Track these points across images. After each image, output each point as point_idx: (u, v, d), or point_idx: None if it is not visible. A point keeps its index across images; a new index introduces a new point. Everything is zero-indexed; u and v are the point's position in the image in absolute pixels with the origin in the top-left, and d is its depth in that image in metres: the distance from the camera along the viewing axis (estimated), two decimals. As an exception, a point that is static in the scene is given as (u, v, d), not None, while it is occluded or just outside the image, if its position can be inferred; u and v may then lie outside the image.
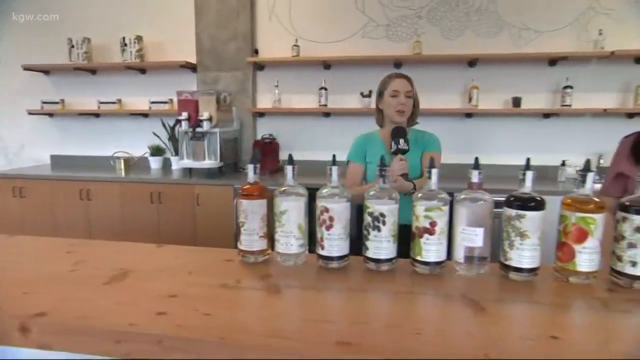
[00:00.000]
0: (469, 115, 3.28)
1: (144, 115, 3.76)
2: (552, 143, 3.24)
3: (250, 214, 1.02)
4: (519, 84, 3.20)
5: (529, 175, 0.93)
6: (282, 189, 1.02)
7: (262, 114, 3.63)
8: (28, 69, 3.73)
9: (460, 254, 0.97)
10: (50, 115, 3.95)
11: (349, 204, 1.00)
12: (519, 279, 0.93)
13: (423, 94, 2.00)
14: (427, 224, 0.95)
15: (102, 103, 3.72)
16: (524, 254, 0.91)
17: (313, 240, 1.03)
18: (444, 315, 0.81)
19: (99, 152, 3.88)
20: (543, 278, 0.94)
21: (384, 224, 0.96)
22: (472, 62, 3.19)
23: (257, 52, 3.52)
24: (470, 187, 0.97)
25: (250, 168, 1.05)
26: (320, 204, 0.99)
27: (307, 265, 1.04)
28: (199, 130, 3.11)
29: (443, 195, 0.96)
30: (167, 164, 3.68)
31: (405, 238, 1.01)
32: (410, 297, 0.87)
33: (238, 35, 3.45)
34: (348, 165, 1.92)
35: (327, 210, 0.97)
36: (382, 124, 1.94)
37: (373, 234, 0.97)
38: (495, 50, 3.12)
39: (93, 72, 3.80)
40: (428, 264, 0.96)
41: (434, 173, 0.97)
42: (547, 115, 3.20)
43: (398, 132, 1.72)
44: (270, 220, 1.05)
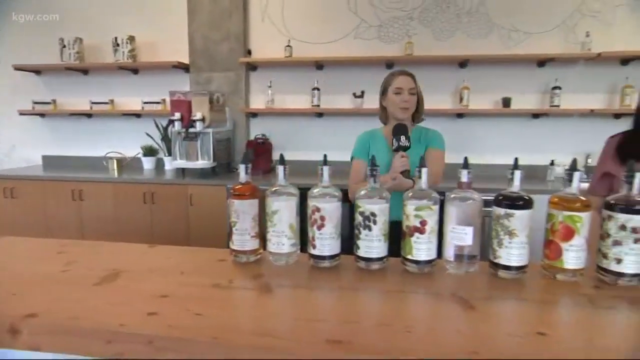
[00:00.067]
0: (460, 116, 3.31)
1: (137, 116, 3.74)
2: (541, 143, 3.28)
3: (242, 214, 1.02)
4: (509, 85, 3.23)
5: (517, 175, 0.94)
6: (273, 189, 1.02)
7: (255, 114, 3.63)
8: (19, 69, 3.70)
9: (450, 253, 0.98)
10: (42, 116, 3.91)
11: (340, 204, 1.00)
12: (508, 277, 0.94)
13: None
14: (417, 223, 0.95)
15: (94, 103, 3.70)
16: (513, 252, 0.92)
17: (305, 240, 1.03)
18: (434, 314, 0.82)
19: (92, 152, 3.86)
20: (531, 275, 0.95)
21: (375, 223, 0.97)
22: (462, 63, 3.22)
23: (249, 52, 3.51)
24: (460, 186, 0.98)
25: (242, 168, 1.05)
26: (312, 204, 0.99)
27: (298, 265, 1.04)
28: (192, 131, 3.11)
29: (433, 195, 0.97)
30: (160, 165, 3.67)
31: (397, 235, 1.02)
32: (401, 295, 0.88)
33: (231, 36, 3.45)
34: (352, 162, 1.92)
35: (318, 210, 0.98)
36: (386, 122, 1.94)
37: (364, 233, 0.98)
38: (486, 52, 3.15)
39: (85, 72, 3.78)
40: (418, 263, 0.97)
41: (424, 172, 0.98)
42: (536, 116, 3.24)
43: (400, 129, 1.72)
44: (262, 220, 1.05)
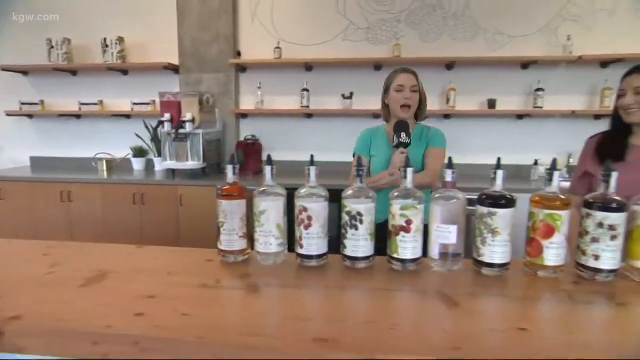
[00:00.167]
0: (447, 116, 3.35)
1: (126, 117, 3.71)
2: (525, 143, 3.34)
3: (230, 214, 1.03)
4: (494, 86, 3.28)
5: (500, 174, 0.96)
6: (261, 189, 1.03)
7: (244, 115, 3.62)
8: (6, 70, 3.65)
9: (435, 251, 0.99)
10: (30, 116, 3.86)
11: (327, 203, 1.01)
12: (491, 274, 0.96)
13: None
14: (402, 222, 0.97)
15: (83, 104, 3.66)
16: (495, 250, 0.94)
17: (292, 239, 1.04)
18: (419, 311, 0.83)
19: (80, 153, 3.82)
20: (514, 272, 0.97)
21: (361, 223, 0.98)
22: (449, 64, 3.26)
23: (239, 53, 3.51)
24: (445, 185, 1.00)
25: (229, 168, 1.06)
26: (299, 204, 1.00)
27: (286, 264, 1.05)
28: (182, 132, 3.10)
29: (418, 194, 0.98)
30: (149, 165, 3.64)
31: (384, 235, 1.03)
32: (387, 293, 0.89)
33: (220, 37, 3.44)
34: (353, 158, 1.93)
35: (305, 210, 0.99)
36: (388, 119, 1.94)
37: (350, 233, 0.99)
38: (471, 54, 3.19)
39: (74, 72, 3.73)
40: (404, 261, 0.99)
41: (409, 172, 1.00)
42: (520, 116, 3.30)
43: (400, 125, 1.74)
44: (250, 220, 1.06)
